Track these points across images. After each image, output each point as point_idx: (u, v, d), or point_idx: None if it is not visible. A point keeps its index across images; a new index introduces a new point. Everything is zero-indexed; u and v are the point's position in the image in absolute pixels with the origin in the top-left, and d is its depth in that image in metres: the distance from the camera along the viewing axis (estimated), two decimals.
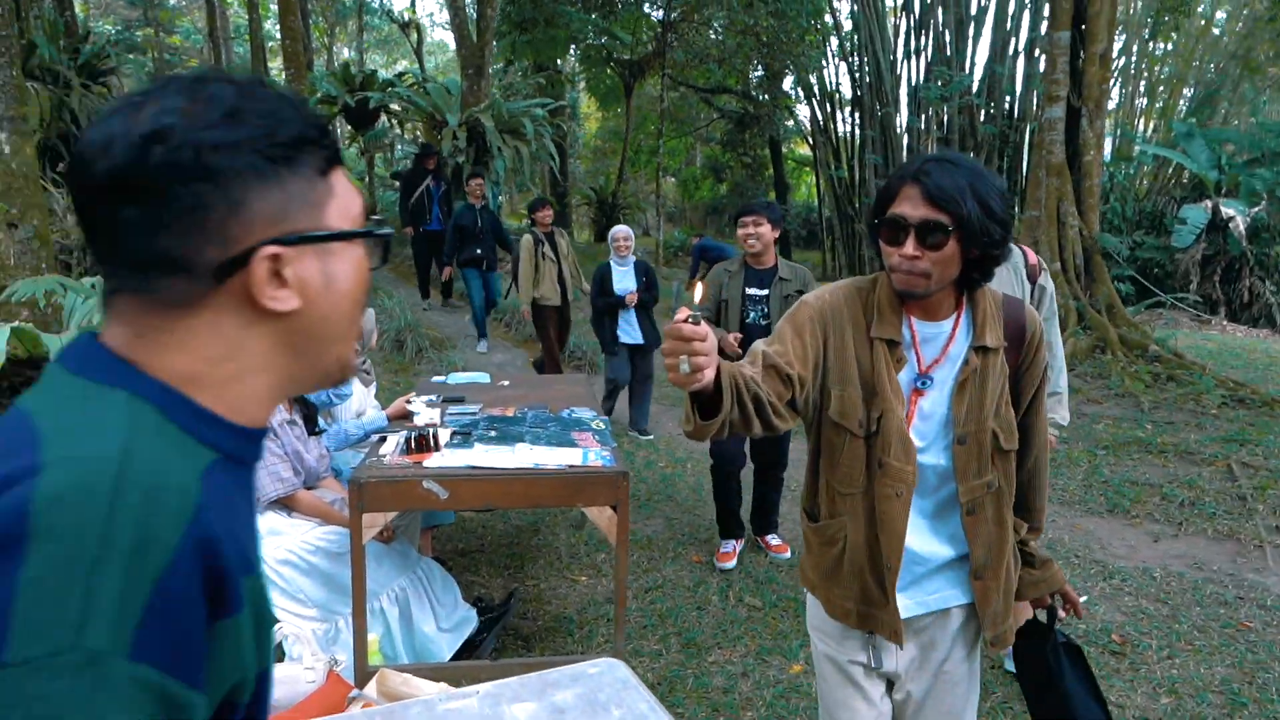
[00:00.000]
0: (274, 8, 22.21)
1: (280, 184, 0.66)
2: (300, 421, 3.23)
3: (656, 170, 18.19)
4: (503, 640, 3.35)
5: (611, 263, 6.14)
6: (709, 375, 1.32)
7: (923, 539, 1.67)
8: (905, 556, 1.64)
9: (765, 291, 4.17)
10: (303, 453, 3.16)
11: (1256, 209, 12.25)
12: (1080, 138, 8.38)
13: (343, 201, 0.71)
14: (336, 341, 0.73)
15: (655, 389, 7.55)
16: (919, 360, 1.63)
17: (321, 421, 3.50)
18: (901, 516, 1.61)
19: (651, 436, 6.26)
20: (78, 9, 16.98)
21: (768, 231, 4.20)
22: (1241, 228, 12.01)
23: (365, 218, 0.75)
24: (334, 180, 0.71)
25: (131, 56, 18.54)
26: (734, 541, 4.20)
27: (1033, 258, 3.09)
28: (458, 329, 9.07)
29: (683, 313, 1.29)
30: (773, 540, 4.30)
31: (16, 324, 3.83)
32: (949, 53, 17.77)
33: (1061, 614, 1.84)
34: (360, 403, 3.92)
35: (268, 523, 3.02)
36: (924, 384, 1.62)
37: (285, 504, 3.07)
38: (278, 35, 22.14)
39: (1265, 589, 3.84)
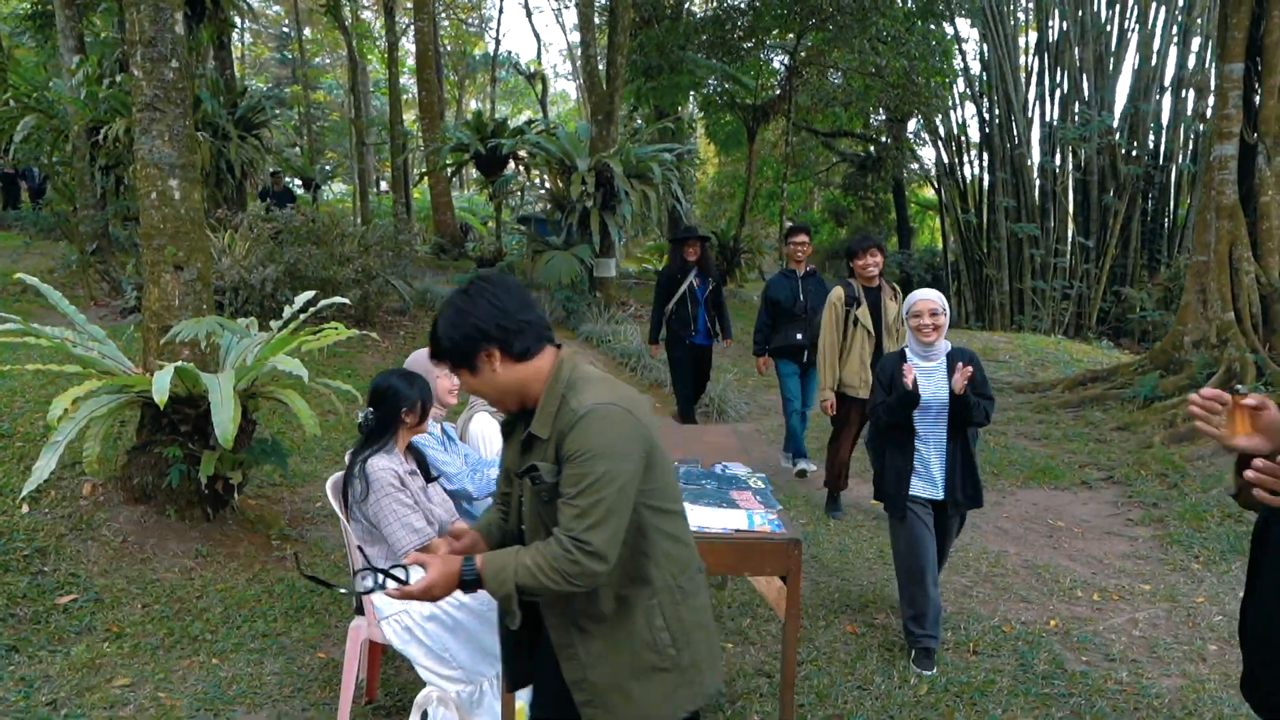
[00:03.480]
0: (410, 63, 23.33)
1: None
2: (418, 471, 3.13)
3: (780, 214, 17.98)
4: None
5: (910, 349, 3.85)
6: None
7: None
8: None
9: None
10: (430, 505, 3.06)
11: None
12: (1256, 176, 7.70)
13: None
14: None
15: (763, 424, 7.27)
16: None
17: (459, 467, 3.40)
18: None
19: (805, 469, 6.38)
20: (235, 68, 18.18)
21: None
22: None
23: None
24: None
25: (279, 111, 19.76)
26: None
27: None
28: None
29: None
30: None
31: (179, 363, 3.91)
32: (1087, 91, 17.00)
33: None
34: (498, 442, 3.82)
35: (414, 577, 2.91)
36: None
37: None
38: (413, 89, 23.22)
39: None
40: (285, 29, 32.16)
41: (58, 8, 11.89)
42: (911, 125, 20.50)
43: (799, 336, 6.04)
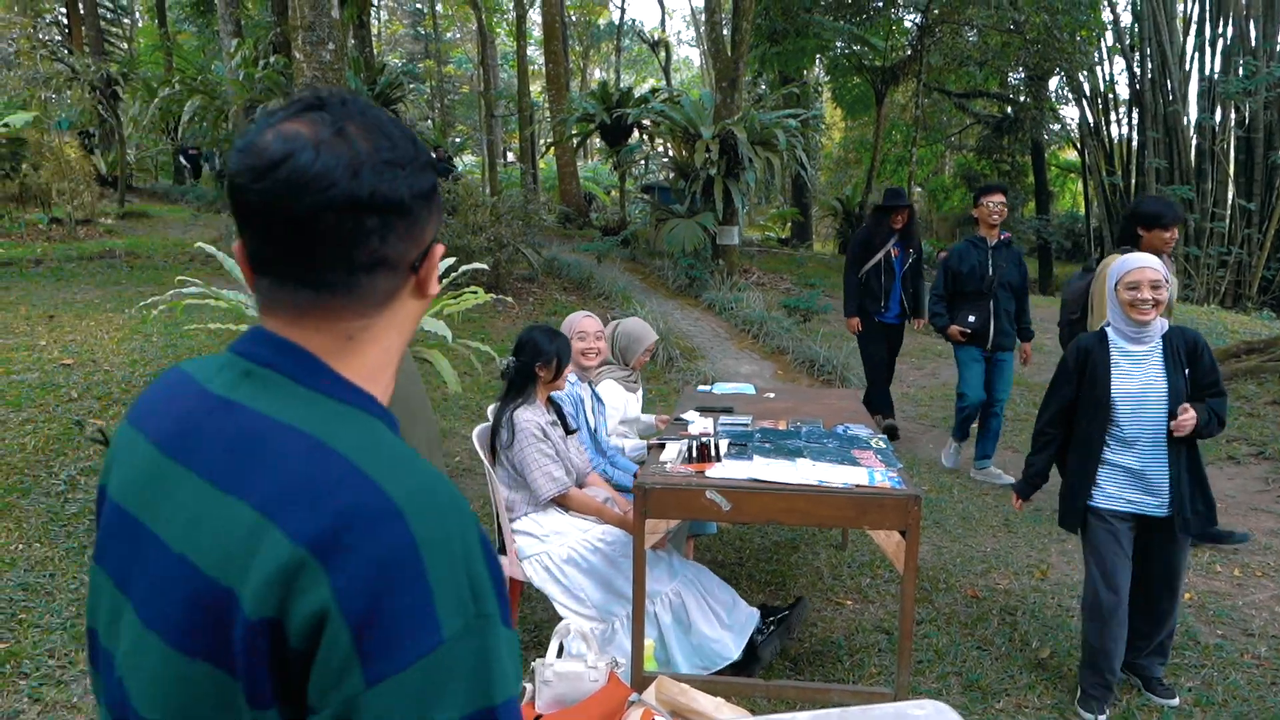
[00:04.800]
0: (537, 35, 23.77)
1: (438, 197, 0.83)
2: (559, 423, 3.33)
3: (908, 180, 17.48)
4: (776, 647, 3.26)
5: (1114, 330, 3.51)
6: None
7: None
8: None
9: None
10: (570, 454, 3.27)
11: None
12: None
13: None
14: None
15: (914, 408, 7.21)
16: None
17: (586, 422, 3.60)
18: None
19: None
20: (373, 45, 19.01)
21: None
22: None
23: None
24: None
25: (413, 85, 20.57)
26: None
27: None
28: (707, 338, 9.15)
29: None
30: None
31: None
32: (1254, 39, 15.66)
33: None
34: (625, 409, 4.00)
35: (551, 522, 3.15)
36: None
37: (559, 502, 3.18)
38: (540, 60, 23.69)
39: None
40: (419, 5, 33.28)
41: None
42: (1053, 83, 19.41)
43: (971, 319, 5.29)
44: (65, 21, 22.97)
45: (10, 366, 5.84)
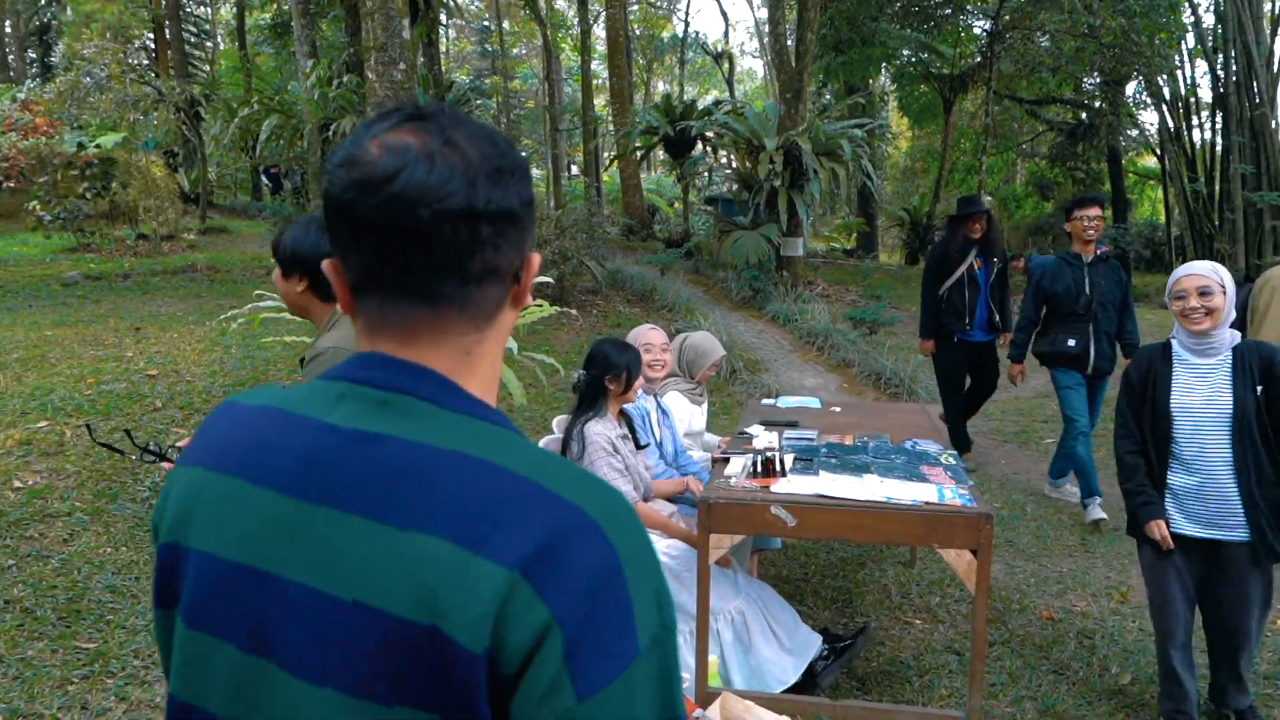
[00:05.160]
0: (600, 49, 24.01)
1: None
2: (630, 436, 3.34)
3: (978, 188, 17.11)
4: (837, 676, 3.21)
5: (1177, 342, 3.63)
6: None
7: None
8: None
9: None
10: (639, 468, 3.27)
11: None
12: None
13: None
14: None
15: (985, 422, 7.04)
16: None
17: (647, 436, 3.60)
18: None
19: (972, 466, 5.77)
20: (441, 63, 19.42)
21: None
22: None
23: None
24: None
25: (480, 101, 20.97)
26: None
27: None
28: (771, 350, 9.09)
29: None
30: None
31: None
32: None
33: None
34: (690, 422, 4.00)
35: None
36: None
37: None
38: (604, 74, 23.90)
39: None
40: (486, 23, 33.93)
41: (295, 17, 13.21)
42: (1130, 87, 18.84)
43: (1070, 343, 4.84)
44: (153, 46, 24.03)
45: (100, 376, 6.11)
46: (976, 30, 16.99)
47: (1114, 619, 3.73)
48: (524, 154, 0.84)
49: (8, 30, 30.99)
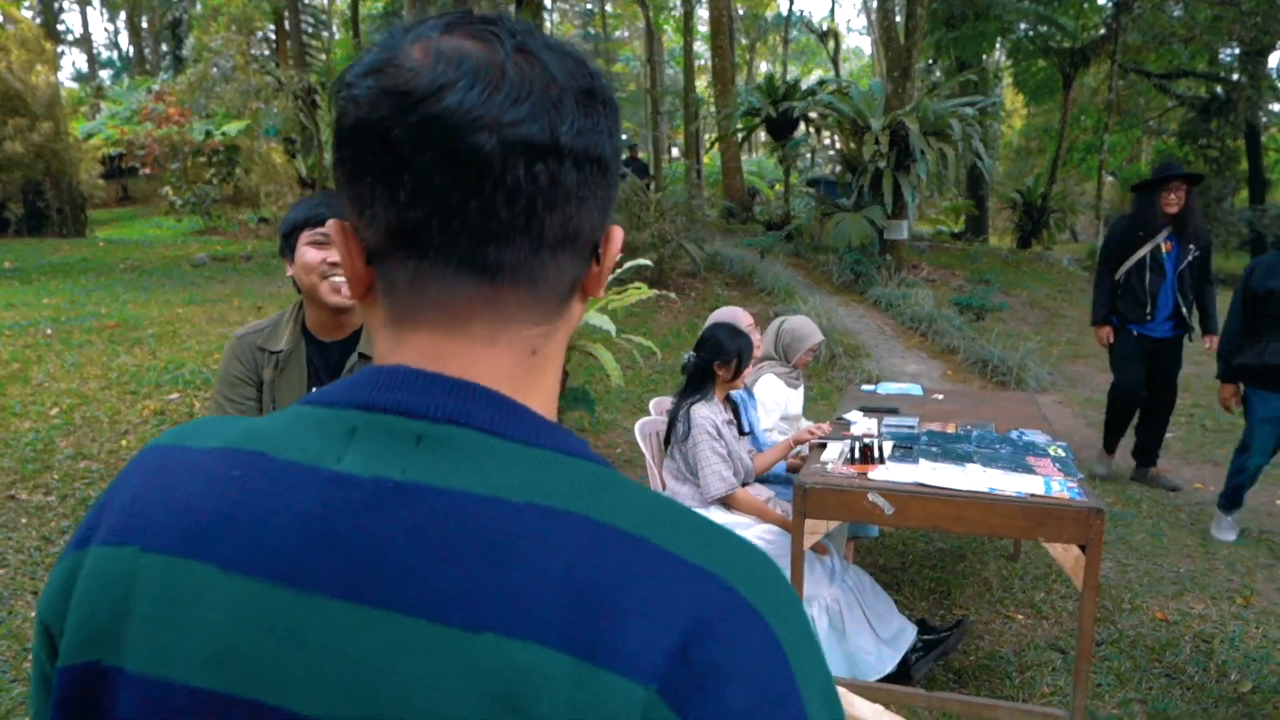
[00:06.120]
0: (703, 30, 23.84)
1: None
2: (735, 422, 3.34)
3: (1098, 169, 16.27)
4: (931, 668, 3.16)
5: None
6: None
7: None
8: None
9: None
10: (741, 453, 3.27)
11: None
12: None
13: None
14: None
15: (1101, 415, 6.74)
16: None
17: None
18: None
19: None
20: None
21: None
22: None
23: None
24: None
25: None
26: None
27: None
28: (872, 335, 8.91)
29: None
30: None
31: None
32: None
33: None
34: (786, 406, 3.97)
35: (712, 518, 3.17)
36: None
37: (724, 501, 3.19)
38: (706, 55, 23.72)
39: None
40: (589, 6, 34.15)
41: (405, 4, 13.60)
42: (1273, 59, 17.56)
43: None
44: (273, 37, 25.17)
45: None
46: (1101, 0, 16.11)
47: (1235, 624, 3.54)
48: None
49: (144, 26, 32.98)
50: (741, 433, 3.36)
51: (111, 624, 0.51)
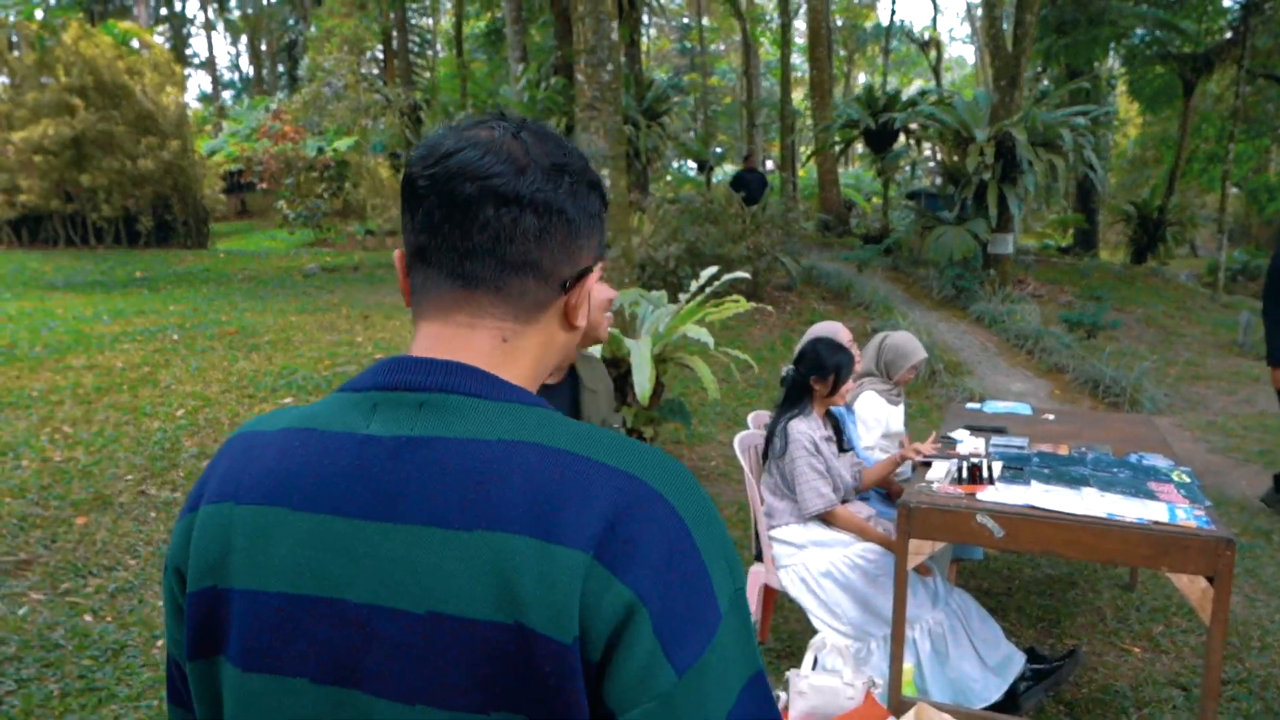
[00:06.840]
0: (800, 42, 23.67)
1: (603, 222, 0.82)
2: (834, 438, 3.28)
3: (1221, 180, 15.41)
4: (1042, 700, 3.03)
5: None
6: None
7: None
8: None
9: None
10: (841, 470, 3.22)
11: None
12: None
13: None
14: (565, 357, 0.86)
15: (1224, 439, 6.38)
16: None
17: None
18: None
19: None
20: (642, 61, 19.86)
21: None
22: None
23: None
24: None
25: (678, 98, 21.25)
26: None
27: None
28: (974, 352, 8.64)
29: None
30: None
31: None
32: None
33: None
34: (888, 423, 3.88)
35: (811, 534, 3.13)
36: None
37: (823, 518, 3.15)
38: (803, 67, 23.55)
39: None
40: (686, 20, 34.31)
41: (508, 24, 13.94)
42: None
43: None
44: (381, 57, 26.17)
45: (335, 359, 6.76)
46: (1227, 2, 15.30)
47: None
48: (598, 175, 0.88)
49: (263, 48, 34.77)
50: (842, 449, 3.30)
51: (220, 558, 0.72)
